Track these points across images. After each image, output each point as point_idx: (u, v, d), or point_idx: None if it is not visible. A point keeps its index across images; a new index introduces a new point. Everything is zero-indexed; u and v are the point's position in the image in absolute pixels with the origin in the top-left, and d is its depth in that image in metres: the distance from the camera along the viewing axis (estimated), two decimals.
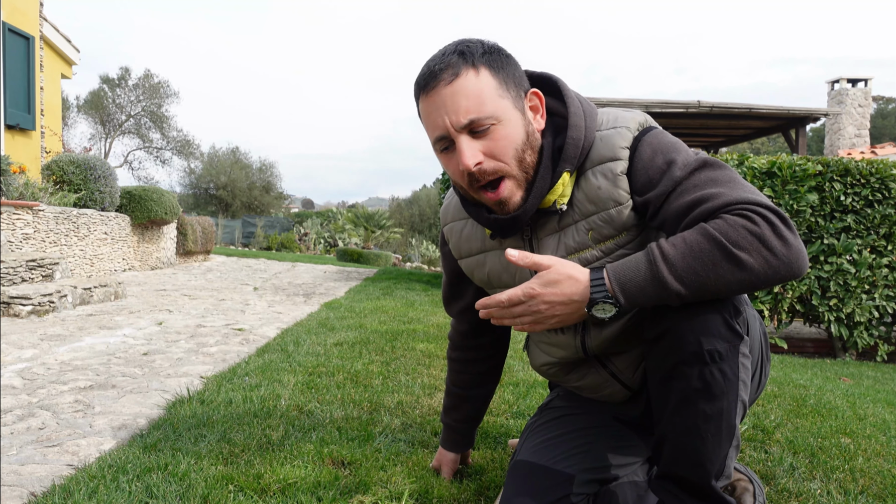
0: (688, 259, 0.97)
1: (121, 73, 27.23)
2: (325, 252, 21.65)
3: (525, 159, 1.10)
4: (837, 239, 4.99)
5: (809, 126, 9.98)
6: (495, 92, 1.08)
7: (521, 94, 1.12)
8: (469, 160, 1.07)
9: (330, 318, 4.36)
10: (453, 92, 1.07)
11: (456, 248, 1.35)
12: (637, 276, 1.00)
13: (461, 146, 1.08)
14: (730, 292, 0.99)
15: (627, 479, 1.27)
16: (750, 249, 0.95)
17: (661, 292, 0.99)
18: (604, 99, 8.20)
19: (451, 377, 1.59)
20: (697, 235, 0.98)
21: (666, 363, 1.05)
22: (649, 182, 1.08)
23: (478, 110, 1.06)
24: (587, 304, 1.03)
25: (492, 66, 1.09)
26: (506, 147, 1.08)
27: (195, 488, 1.39)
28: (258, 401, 2.15)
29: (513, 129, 1.09)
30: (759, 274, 0.96)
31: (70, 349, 3.26)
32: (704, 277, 0.97)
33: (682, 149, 1.10)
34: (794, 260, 0.96)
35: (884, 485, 1.60)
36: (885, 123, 37.94)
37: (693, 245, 0.97)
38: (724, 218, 0.98)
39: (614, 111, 1.17)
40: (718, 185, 1.03)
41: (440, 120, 1.09)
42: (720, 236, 0.96)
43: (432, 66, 1.09)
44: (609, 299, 1.02)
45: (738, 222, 0.96)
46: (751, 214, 0.97)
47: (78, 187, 7.69)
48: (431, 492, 1.44)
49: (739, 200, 0.99)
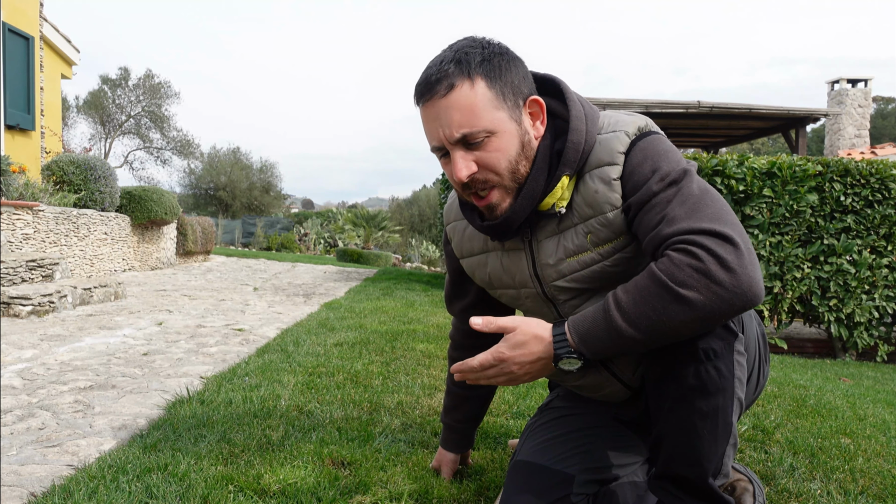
0: (639, 305, 0.97)
1: (121, 73, 27.23)
2: (325, 252, 21.65)
3: (519, 170, 1.11)
4: (837, 239, 4.99)
5: (809, 126, 9.99)
6: (490, 104, 1.07)
7: (519, 102, 1.10)
8: (461, 172, 1.08)
9: (330, 319, 4.37)
10: (447, 105, 1.07)
11: (458, 248, 1.35)
12: (594, 328, 1.01)
13: (454, 158, 1.09)
14: (687, 331, 0.97)
15: (627, 479, 1.27)
16: (697, 287, 0.93)
17: (617, 341, 0.99)
18: (603, 99, 8.21)
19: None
20: (646, 279, 0.97)
21: (662, 362, 1.06)
22: (634, 189, 1.08)
23: (471, 124, 1.06)
24: (553, 360, 1.06)
25: (488, 77, 1.07)
26: (499, 159, 1.09)
27: (195, 488, 1.39)
28: (258, 401, 2.16)
29: (507, 142, 1.09)
30: (710, 309, 0.93)
31: (70, 349, 3.26)
32: (656, 320, 0.96)
33: (670, 158, 1.08)
34: (746, 289, 0.92)
35: (884, 485, 1.60)
36: (885, 124, 37.95)
37: (643, 289, 0.97)
38: (668, 256, 0.96)
39: (616, 115, 1.17)
40: (681, 205, 1.01)
41: (436, 131, 1.09)
42: (665, 278, 0.95)
43: (429, 75, 1.08)
44: (573, 354, 1.04)
45: (683, 260, 0.94)
46: (694, 250, 0.94)
47: (78, 187, 7.70)
48: (431, 492, 1.44)
49: (687, 231, 0.97)
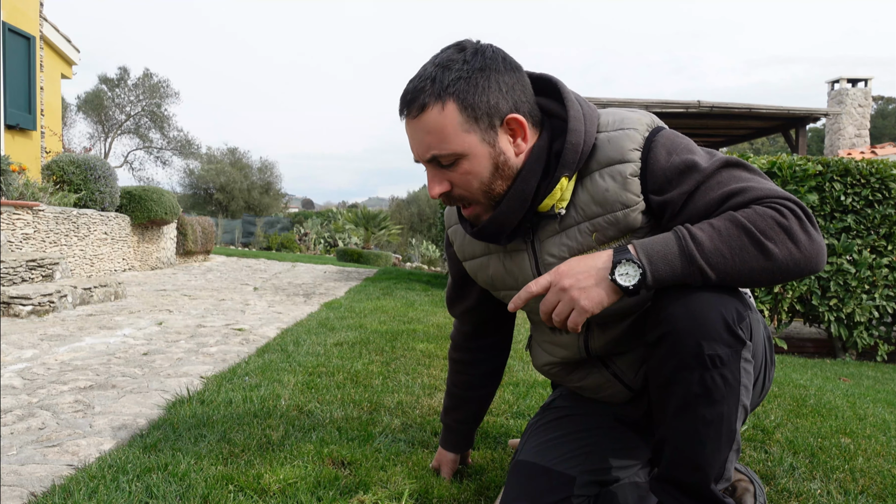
0: (715, 241, 0.98)
1: (119, 73, 27.23)
2: (325, 252, 21.65)
3: (494, 189, 1.12)
4: (837, 239, 4.98)
5: (809, 126, 9.99)
6: (460, 128, 1.07)
7: (495, 123, 1.08)
8: (433, 190, 1.12)
9: (330, 318, 4.36)
10: (419, 127, 1.09)
11: (460, 250, 1.35)
12: (664, 248, 1.00)
13: (428, 175, 1.13)
14: (751, 280, 0.99)
15: (628, 480, 1.27)
16: (777, 240, 0.97)
17: (686, 266, 0.98)
18: (603, 99, 8.20)
19: (452, 378, 1.59)
20: (726, 221, 0.99)
21: (666, 367, 1.03)
22: (668, 182, 1.07)
23: (439, 147, 1.08)
24: (611, 269, 1.00)
25: (461, 98, 1.06)
26: (470, 181, 1.10)
27: (195, 488, 1.39)
28: (258, 401, 2.15)
29: (478, 164, 1.09)
30: (783, 265, 0.97)
31: (70, 349, 3.26)
32: (731, 261, 0.98)
33: (697, 148, 1.11)
34: (816, 255, 0.98)
35: (884, 485, 1.60)
36: (885, 123, 37.93)
37: (721, 229, 0.98)
38: (753, 208, 0.99)
39: (619, 112, 1.16)
40: (745, 181, 1.04)
41: (413, 147, 1.13)
42: (749, 224, 0.97)
43: (406, 92, 1.10)
44: (634, 260, 0.99)
45: (768, 213, 0.98)
46: (780, 207, 0.99)
47: (78, 187, 7.69)
48: (431, 492, 1.44)
49: (769, 195, 1.01)
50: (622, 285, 1.00)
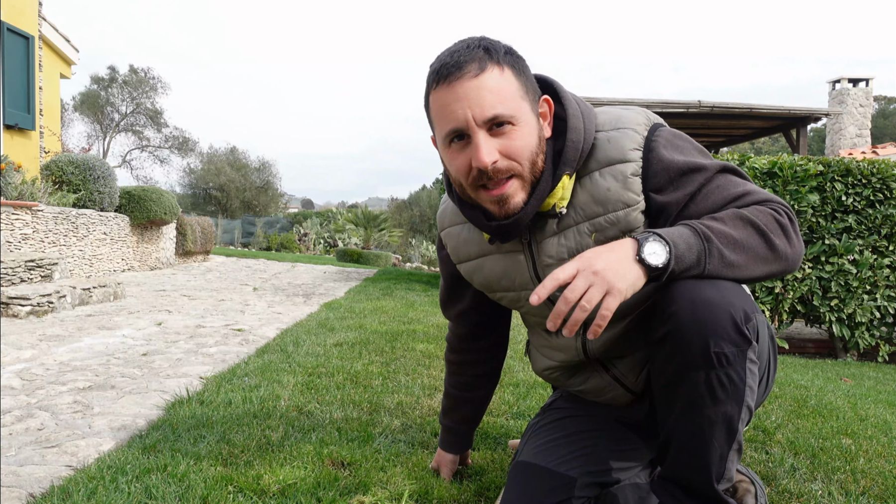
0: (727, 226, 1.03)
1: (109, 72, 27.34)
2: (325, 252, 21.65)
3: (537, 163, 1.09)
4: (839, 239, 4.98)
5: (810, 126, 9.98)
6: (517, 93, 1.06)
7: (536, 99, 1.11)
8: (486, 157, 1.03)
9: (330, 319, 4.36)
10: (478, 86, 1.03)
11: (454, 253, 1.33)
12: (679, 232, 1.01)
13: (479, 141, 1.04)
14: (755, 269, 1.04)
15: (629, 482, 1.26)
16: (777, 235, 1.05)
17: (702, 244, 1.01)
18: (603, 99, 8.19)
19: (450, 379, 1.58)
20: (730, 213, 1.05)
21: (671, 366, 1.03)
22: (670, 182, 1.08)
23: (503, 106, 1.04)
24: (638, 248, 0.98)
25: (514, 67, 1.07)
26: (522, 149, 1.06)
27: (194, 489, 1.38)
28: (258, 401, 2.15)
29: (528, 134, 1.07)
30: (780, 258, 1.05)
31: (69, 350, 3.26)
32: (741, 244, 1.02)
33: (696, 147, 1.14)
34: (800, 255, 1.08)
35: (885, 486, 1.59)
36: (886, 123, 37.93)
37: (726, 219, 1.04)
38: (755, 207, 1.07)
39: (615, 110, 1.16)
40: (743, 185, 1.11)
41: (460, 112, 1.04)
42: (753, 218, 1.04)
43: (456, 56, 1.04)
44: (660, 238, 0.99)
45: (767, 212, 1.06)
46: (777, 209, 1.08)
47: (77, 187, 7.69)
48: (431, 492, 1.43)
49: (767, 198, 1.09)
50: (651, 264, 0.97)
